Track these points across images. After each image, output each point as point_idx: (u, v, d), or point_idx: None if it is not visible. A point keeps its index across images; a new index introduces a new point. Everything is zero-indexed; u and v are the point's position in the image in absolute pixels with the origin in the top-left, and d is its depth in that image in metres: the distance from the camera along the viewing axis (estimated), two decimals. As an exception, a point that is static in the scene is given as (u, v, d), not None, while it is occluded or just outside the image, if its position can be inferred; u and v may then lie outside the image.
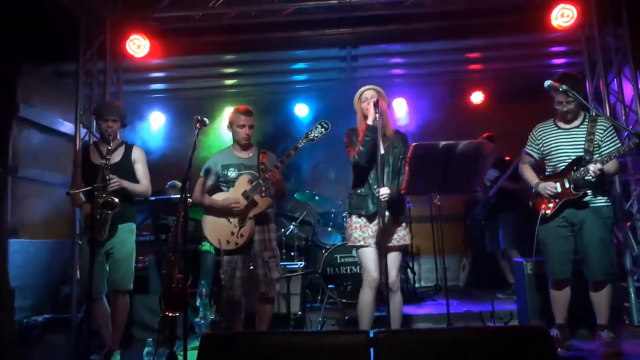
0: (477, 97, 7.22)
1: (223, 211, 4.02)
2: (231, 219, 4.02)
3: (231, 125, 4.17)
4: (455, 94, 7.24)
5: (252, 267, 4.05)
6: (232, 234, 3.99)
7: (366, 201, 3.67)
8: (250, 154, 4.21)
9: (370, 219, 3.70)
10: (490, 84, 7.13)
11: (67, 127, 6.00)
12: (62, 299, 5.32)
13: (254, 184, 3.99)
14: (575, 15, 5.22)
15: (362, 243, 3.66)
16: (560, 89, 3.67)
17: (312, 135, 3.89)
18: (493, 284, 6.11)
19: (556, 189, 3.87)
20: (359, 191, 3.74)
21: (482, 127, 7.05)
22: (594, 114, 3.93)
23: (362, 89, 3.80)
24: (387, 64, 6.64)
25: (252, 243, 4.05)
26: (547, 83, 3.71)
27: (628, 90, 5.22)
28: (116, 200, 3.78)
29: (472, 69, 6.92)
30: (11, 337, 4.52)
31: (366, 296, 3.65)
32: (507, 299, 5.77)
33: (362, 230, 3.69)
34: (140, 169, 4.19)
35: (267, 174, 3.95)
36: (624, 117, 5.24)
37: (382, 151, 3.59)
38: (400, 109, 7.26)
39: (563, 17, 5.26)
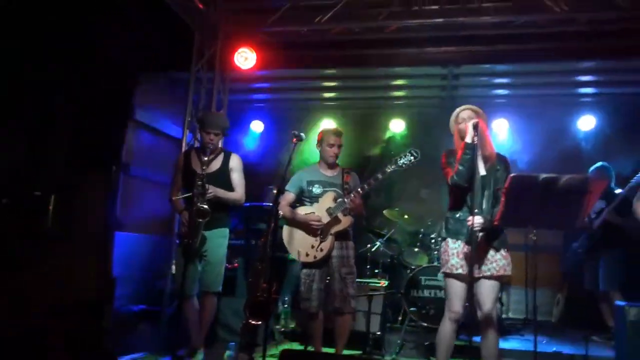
0: (586, 123, 6.75)
1: (304, 225, 4.13)
2: (313, 233, 4.12)
3: (320, 143, 4.28)
4: (563, 118, 6.83)
5: (328, 280, 4.12)
6: (312, 247, 4.09)
7: (465, 226, 3.44)
8: (335, 173, 4.31)
9: (466, 244, 3.47)
10: (602, 109, 6.66)
11: (175, 131, 6.40)
12: (155, 293, 5.65)
13: (338, 201, 4.08)
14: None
15: (460, 271, 3.43)
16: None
17: (401, 162, 3.90)
18: (589, 324, 5.68)
19: None
20: (457, 215, 3.53)
21: (591, 155, 6.65)
22: None
23: (459, 109, 3.65)
24: (489, 84, 6.42)
25: (330, 258, 4.12)
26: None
27: None
28: (208, 209, 3.96)
29: (584, 92, 6.51)
30: (109, 323, 4.87)
31: (446, 329, 3.50)
32: (603, 344, 5.33)
33: (459, 257, 3.46)
34: (237, 177, 4.37)
35: (351, 195, 4.01)
36: None
37: (482, 172, 3.48)
38: (501, 130, 6.98)
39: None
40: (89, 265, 4.71)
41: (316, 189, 4.21)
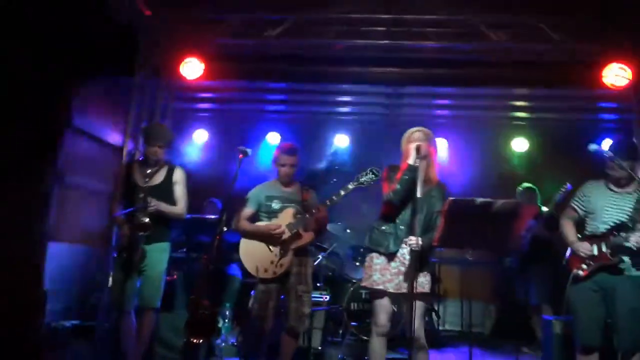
0: (520, 145, 7.13)
1: (264, 239, 4.07)
2: (272, 248, 4.06)
3: (275, 163, 4.25)
4: (499, 140, 7.18)
5: (283, 298, 4.08)
6: (272, 262, 4.02)
7: (388, 239, 3.55)
8: (294, 189, 4.28)
9: (389, 258, 3.56)
10: (534, 132, 7.05)
11: (116, 139, 6.22)
12: (90, 307, 5.45)
13: (299, 217, 4.06)
14: (630, 76, 5.14)
15: (381, 287, 3.50)
16: (606, 154, 3.62)
17: (363, 179, 3.92)
18: (519, 336, 5.95)
19: (592, 251, 3.80)
20: (382, 227, 3.61)
21: (523, 175, 7.02)
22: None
23: (413, 129, 3.69)
24: (431, 105, 6.66)
25: (288, 275, 4.07)
26: (593, 147, 3.67)
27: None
28: (149, 223, 3.87)
29: (518, 116, 6.87)
30: (39, 339, 4.64)
31: (375, 344, 3.53)
32: (532, 354, 5.61)
33: (381, 273, 3.53)
34: (179, 190, 4.30)
35: (314, 210, 4.00)
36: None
37: (419, 195, 3.47)
38: (441, 149, 7.24)
39: (617, 76, 5.19)
40: (17, 277, 4.49)
41: (275, 205, 4.16)
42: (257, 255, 4.06)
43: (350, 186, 3.95)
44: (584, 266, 3.83)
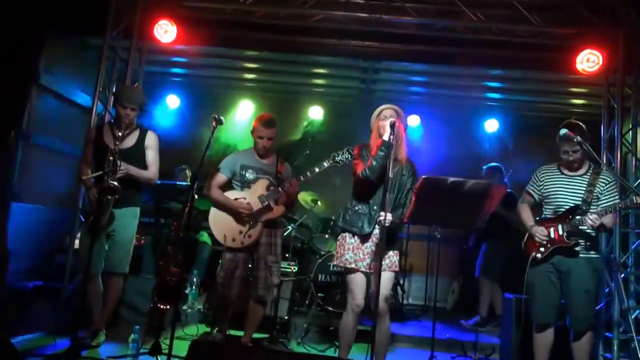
0: (491, 126, 7.24)
1: (232, 211, 4.08)
2: (242, 219, 4.08)
3: (252, 134, 4.22)
4: (471, 120, 7.27)
5: (251, 267, 4.12)
6: (240, 232, 4.05)
7: (362, 220, 3.59)
8: (270, 161, 4.28)
9: (363, 239, 3.62)
10: (506, 114, 7.16)
11: (84, 99, 6.05)
12: (55, 269, 5.38)
13: (271, 189, 4.08)
14: (601, 62, 5.23)
15: (352, 266, 3.57)
16: (575, 140, 3.71)
17: (338, 158, 3.94)
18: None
19: (547, 235, 3.93)
20: (356, 208, 3.64)
21: (492, 155, 7.15)
22: (602, 167, 3.98)
23: (383, 107, 3.69)
24: (407, 81, 6.67)
25: (257, 245, 4.11)
26: (563, 132, 3.75)
27: (642, 143, 5.25)
28: (118, 186, 3.81)
29: (491, 97, 6.95)
30: (0, 299, 4.57)
31: (349, 320, 3.60)
32: (491, 331, 5.81)
33: (354, 252, 3.59)
34: (151, 155, 4.24)
35: (287, 184, 4.02)
36: (633, 169, 5.26)
37: (390, 174, 3.49)
38: (414, 126, 7.31)
39: (588, 62, 5.27)
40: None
41: (249, 175, 4.16)
42: (226, 224, 4.08)
43: (325, 164, 3.97)
44: (542, 249, 3.97)
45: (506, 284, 5.94)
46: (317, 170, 3.98)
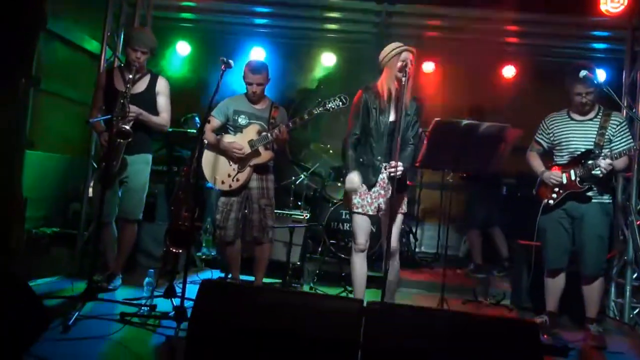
0: (509, 71, 7.02)
1: (224, 152, 4.14)
2: (231, 162, 4.15)
3: (243, 78, 4.20)
4: (487, 65, 7.05)
5: (247, 211, 4.22)
6: (229, 176, 4.13)
7: (368, 172, 3.56)
8: (264, 106, 4.28)
9: (369, 187, 3.60)
10: (524, 60, 6.92)
11: (93, 45, 5.96)
12: (71, 215, 5.46)
13: (262, 135, 4.10)
14: (626, 2, 5.01)
15: (360, 210, 3.57)
16: (595, 82, 3.59)
17: (329, 105, 3.95)
18: (489, 259, 6.16)
19: (561, 179, 3.87)
20: (360, 159, 3.60)
21: (509, 102, 6.98)
22: (622, 110, 3.87)
23: (401, 47, 3.49)
24: (422, 25, 6.43)
25: (249, 189, 4.20)
26: (583, 73, 3.62)
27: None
28: (129, 129, 3.79)
29: (509, 41, 6.70)
30: (20, 244, 4.67)
31: (358, 263, 3.64)
32: (502, 276, 5.85)
33: (361, 198, 3.58)
34: (163, 101, 4.20)
35: (276, 130, 4.03)
36: (655, 114, 5.10)
37: (392, 118, 3.50)
38: (430, 72, 7.15)
39: (613, 2, 5.05)
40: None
41: (242, 120, 4.19)
42: (217, 167, 4.16)
43: (315, 111, 3.99)
44: (554, 195, 3.92)
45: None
46: (306, 117, 4.02)
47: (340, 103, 3.93)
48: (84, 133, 5.39)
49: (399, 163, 3.28)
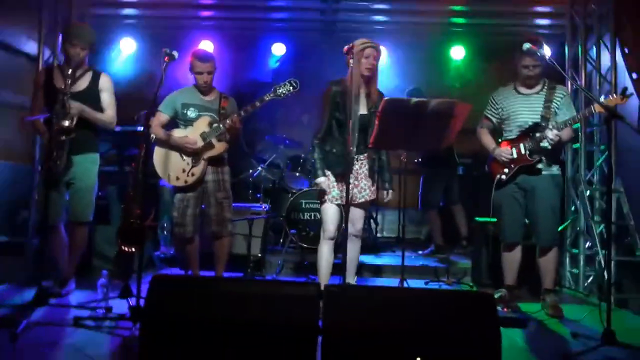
0: (458, 52, 7.10)
1: (177, 148, 4.05)
2: (184, 157, 4.06)
3: (190, 70, 4.10)
4: (436, 48, 7.12)
5: (204, 206, 4.13)
6: (184, 171, 4.04)
7: (340, 162, 3.61)
8: (212, 97, 4.19)
9: (341, 177, 3.65)
10: (471, 39, 7.01)
11: (29, 47, 5.69)
12: (19, 223, 5.23)
13: (213, 126, 4.01)
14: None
15: (339, 202, 3.67)
16: (538, 54, 3.66)
17: (280, 91, 3.92)
18: (449, 239, 6.25)
19: (512, 154, 3.95)
20: (334, 150, 3.67)
21: (460, 82, 7.08)
22: (571, 84, 3.96)
23: (365, 43, 3.57)
24: (369, 9, 6.41)
25: (205, 183, 4.11)
26: (527, 46, 3.68)
27: (606, 60, 5.21)
28: (71, 125, 3.66)
29: (455, 22, 6.76)
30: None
31: (326, 250, 3.71)
32: (462, 254, 5.95)
33: (338, 189, 3.68)
34: (107, 97, 4.06)
35: (228, 120, 3.96)
36: (598, 87, 5.27)
37: (363, 111, 3.62)
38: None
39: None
40: None
41: (191, 113, 4.09)
42: (169, 163, 4.06)
43: (267, 97, 3.97)
44: (506, 170, 3.99)
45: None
46: (258, 104, 3.96)
47: (291, 88, 3.92)
48: (27, 139, 5.16)
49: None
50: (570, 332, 3.45)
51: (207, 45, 6.79)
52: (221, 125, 3.99)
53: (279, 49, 7.18)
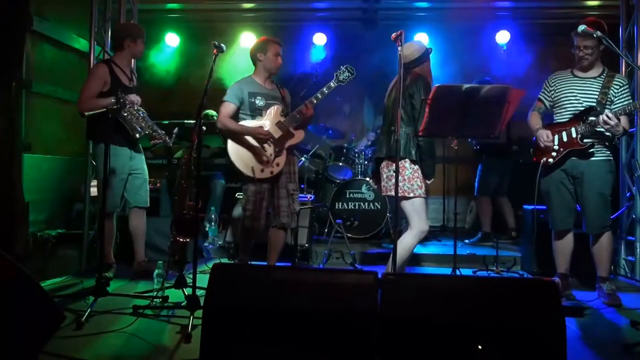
0: (502, 37, 6.92)
1: (255, 139, 3.95)
2: (266, 147, 3.97)
3: (264, 52, 4.05)
4: (481, 33, 6.95)
5: (273, 198, 4.08)
6: (268, 162, 3.94)
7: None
8: (272, 86, 4.17)
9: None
10: (517, 23, 6.82)
11: (81, 43, 5.87)
12: (74, 216, 5.42)
13: (290, 115, 3.99)
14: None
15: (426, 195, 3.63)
16: (595, 35, 3.53)
17: (342, 77, 3.92)
18: (496, 228, 6.14)
19: (550, 140, 3.86)
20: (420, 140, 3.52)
21: (506, 68, 6.89)
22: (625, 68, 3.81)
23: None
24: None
25: (279, 174, 4.04)
26: (582, 28, 3.55)
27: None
28: (137, 97, 4.06)
29: (500, 6, 6.60)
30: (26, 249, 4.65)
31: (413, 244, 3.58)
32: (509, 244, 5.83)
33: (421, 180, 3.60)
34: None
35: (303, 108, 3.93)
36: (654, 68, 5.03)
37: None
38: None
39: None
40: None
41: (259, 102, 4.01)
42: (250, 156, 3.95)
43: (333, 84, 3.94)
44: (554, 154, 3.88)
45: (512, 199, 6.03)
46: (326, 91, 3.92)
47: (349, 73, 3.90)
48: (79, 133, 5.32)
49: None
50: (630, 321, 3.34)
51: (249, 38, 6.83)
52: (297, 114, 3.96)
53: (320, 39, 7.15)
